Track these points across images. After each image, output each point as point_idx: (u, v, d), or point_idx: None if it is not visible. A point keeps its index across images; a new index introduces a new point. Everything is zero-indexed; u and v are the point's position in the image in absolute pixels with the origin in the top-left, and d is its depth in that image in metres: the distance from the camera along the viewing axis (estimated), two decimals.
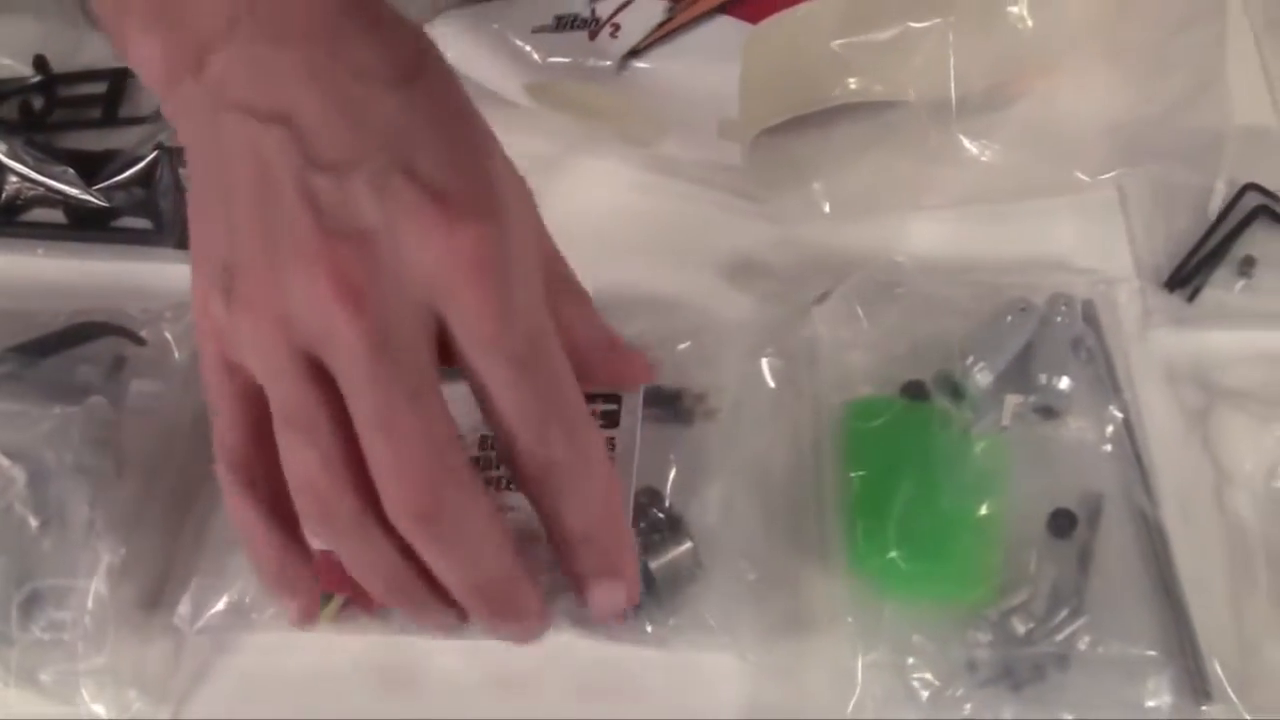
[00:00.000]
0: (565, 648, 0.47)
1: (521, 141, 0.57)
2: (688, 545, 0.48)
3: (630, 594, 0.42)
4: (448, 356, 0.38)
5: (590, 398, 0.46)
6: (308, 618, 0.42)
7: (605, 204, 0.58)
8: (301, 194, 0.36)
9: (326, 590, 0.47)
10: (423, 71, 0.39)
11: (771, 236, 0.57)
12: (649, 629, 0.48)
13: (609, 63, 0.55)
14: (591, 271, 0.54)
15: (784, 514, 0.51)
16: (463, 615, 0.41)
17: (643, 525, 0.48)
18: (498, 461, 0.43)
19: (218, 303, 0.38)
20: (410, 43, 0.40)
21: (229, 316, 0.38)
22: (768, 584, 0.49)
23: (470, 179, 0.38)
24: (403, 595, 0.40)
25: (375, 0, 0.40)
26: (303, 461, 0.38)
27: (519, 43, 0.56)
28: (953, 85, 0.51)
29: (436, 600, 0.40)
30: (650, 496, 0.49)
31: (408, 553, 0.39)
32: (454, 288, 0.37)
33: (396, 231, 0.36)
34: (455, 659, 0.48)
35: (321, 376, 0.37)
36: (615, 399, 0.47)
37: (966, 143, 0.53)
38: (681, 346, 0.52)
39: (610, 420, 0.47)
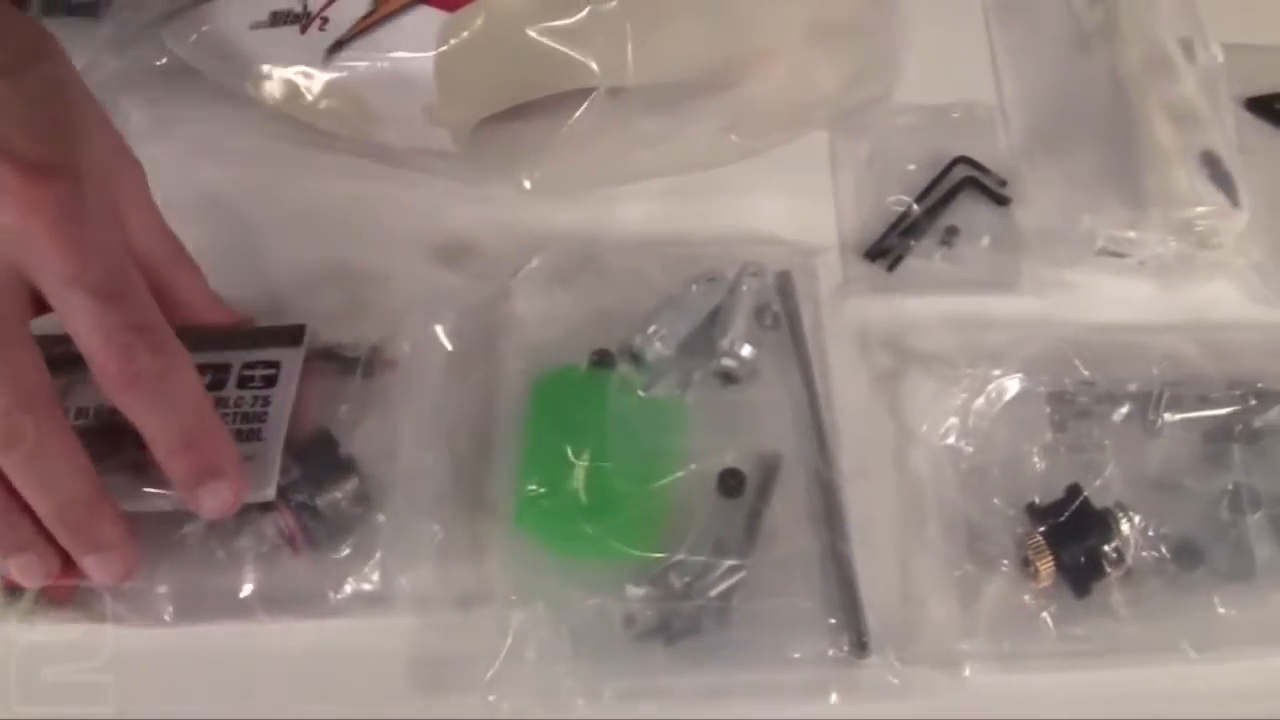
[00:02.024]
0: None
1: (247, 136, 0.61)
2: (354, 481, 0.50)
3: (236, 490, 0.46)
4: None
5: (251, 364, 0.51)
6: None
7: (325, 193, 0.60)
8: None
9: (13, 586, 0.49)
10: (37, 60, 0.44)
11: (484, 218, 0.58)
12: (335, 596, 0.49)
13: (317, 56, 0.56)
14: (305, 255, 0.58)
15: (470, 476, 0.52)
16: (59, 555, 0.45)
17: (313, 465, 0.50)
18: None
19: None
20: (27, 36, 0.45)
21: None
22: (448, 541, 0.50)
23: (54, 148, 0.43)
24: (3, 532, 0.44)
25: None
26: None
27: (238, 41, 0.58)
28: (630, 69, 0.53)
29: (37, 538, 0.44)
30: (322, 437, 0.51)
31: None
32: (37, 239, 0.41)
33: None
34: (144, 642, 0.49)
35: None
36: (275, 364, 0.51)
37: (649, 122, 0.55)
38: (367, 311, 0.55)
39: (269, 382, 0.51)
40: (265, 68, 0.57)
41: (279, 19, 0.57)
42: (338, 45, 0.56)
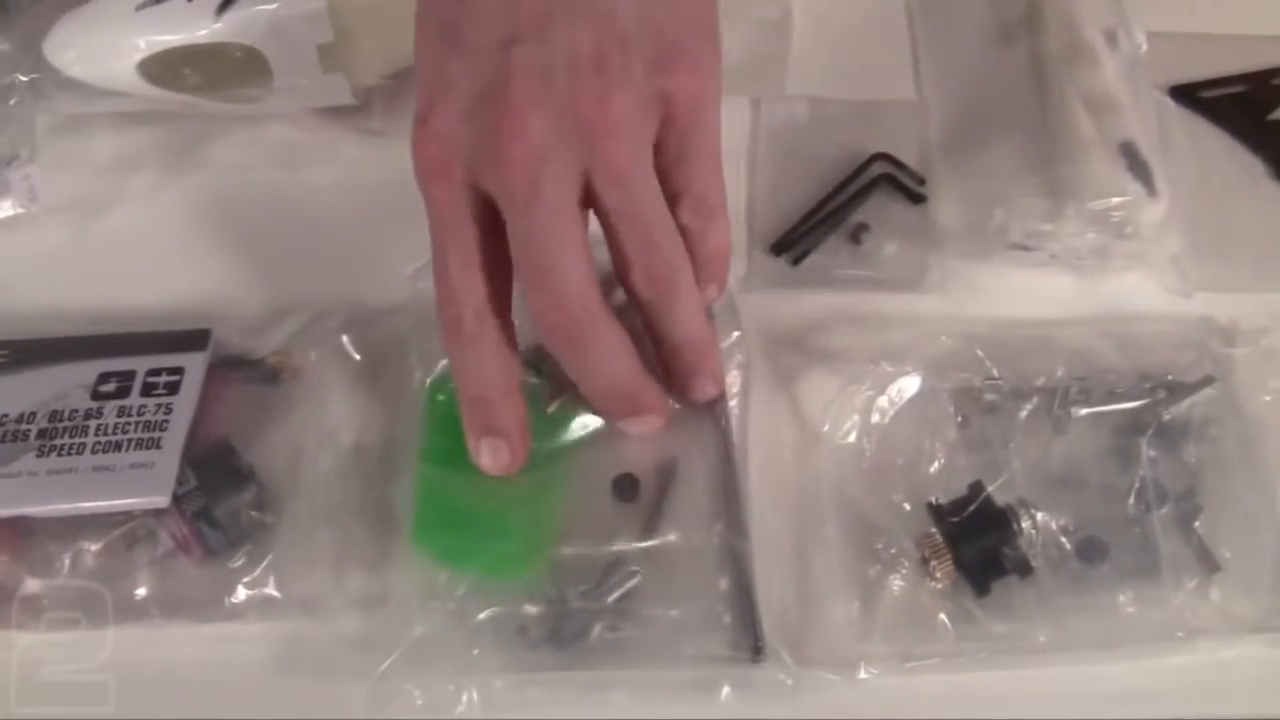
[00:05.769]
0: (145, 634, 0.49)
1: (146, 133, 0.61)
2: (252, 490, 0.50)
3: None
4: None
5: (155, 370, 0.52)
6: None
7: (227, 194, 0.60)
8: None
9: None
10: None
11: (388, 220, 0.57)
12: (230, 601, 0.49)
13: (208, 16, 0.57)
14: (210, 259, 0.58)
15: (374, 484, 0.52)
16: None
17: (212, 474, 0.50)
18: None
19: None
20: None
21: None
22: (350, 554, 0.50)
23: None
24: None
25: None
26: None
27: (126, 26, 0.58)
28: None
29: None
30: (221, 447, 0.51)
31: None
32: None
33: None
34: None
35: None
36: (179, 370, 0.52)
37: None
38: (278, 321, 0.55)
39: (172, 389, 0.51)
40: (152, 43, 0.57)
41: None
42: (227, 3, 0.56)
